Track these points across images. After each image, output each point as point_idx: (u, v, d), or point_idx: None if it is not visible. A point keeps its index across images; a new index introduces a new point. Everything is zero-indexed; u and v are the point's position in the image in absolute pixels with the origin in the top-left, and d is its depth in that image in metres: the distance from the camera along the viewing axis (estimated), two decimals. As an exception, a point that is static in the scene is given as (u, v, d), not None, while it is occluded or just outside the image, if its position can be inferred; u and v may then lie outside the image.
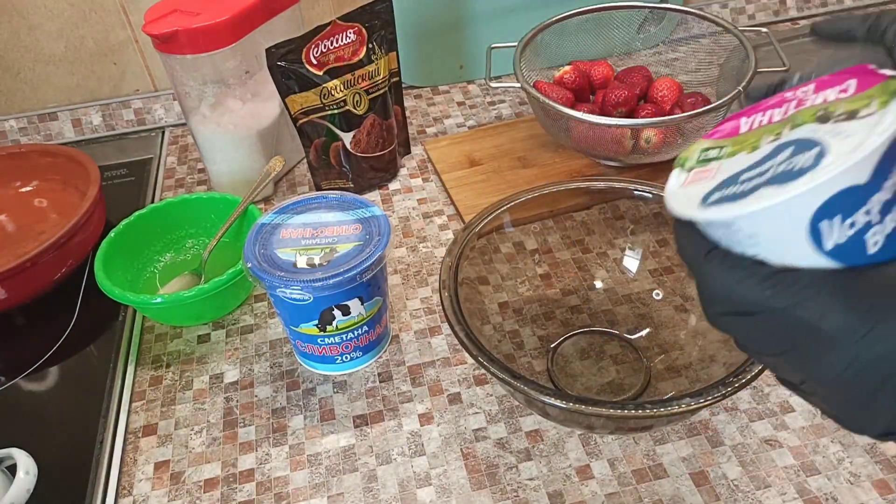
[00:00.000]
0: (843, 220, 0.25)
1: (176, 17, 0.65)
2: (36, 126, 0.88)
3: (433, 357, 0.58)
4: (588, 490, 0.48)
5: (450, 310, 0.47)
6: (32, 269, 0.61)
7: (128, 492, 0.50)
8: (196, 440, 0.53)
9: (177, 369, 0.59)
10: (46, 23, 0.82)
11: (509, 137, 0.79)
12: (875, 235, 0.25)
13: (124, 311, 0.64)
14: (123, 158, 0.85)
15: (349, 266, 0.49)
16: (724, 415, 0.51)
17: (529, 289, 0.59)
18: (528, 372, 0.54)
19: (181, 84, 0.69)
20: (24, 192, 0.75)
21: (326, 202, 0.55)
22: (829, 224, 0.26)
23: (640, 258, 0.58)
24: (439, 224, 0.71)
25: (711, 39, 0.76)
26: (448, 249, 0.52)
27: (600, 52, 0.80)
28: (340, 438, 0.52)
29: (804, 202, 0.26)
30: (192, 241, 0.68)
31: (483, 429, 0.52)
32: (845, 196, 0.25)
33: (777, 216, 0.26)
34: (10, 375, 0.60)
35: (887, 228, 0.25)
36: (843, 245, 0.26)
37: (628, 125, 0.64)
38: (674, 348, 0.54)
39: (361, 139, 0.71)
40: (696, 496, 0.47)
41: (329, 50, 0.67)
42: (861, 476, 0.47)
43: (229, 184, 0.74)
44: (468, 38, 0.90)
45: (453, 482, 0.49)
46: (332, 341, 0.54)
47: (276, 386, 0.57)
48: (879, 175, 0.25)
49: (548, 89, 0.71)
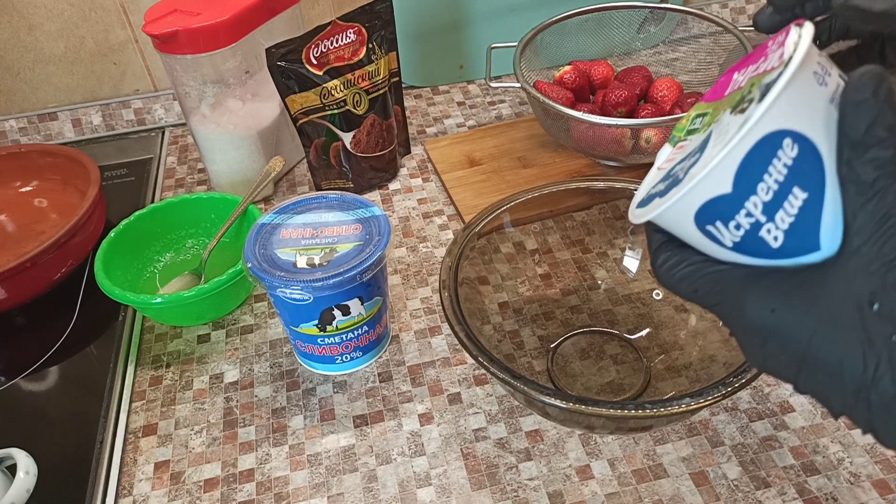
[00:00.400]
0: (726, 224, 0.27)
1: (176, 17, 0.65)
2: (36, 126, 0.88)
3: (433, 357, 0.58)
4: (588, 490, 0.48)
5: (450, 310, 0.47)
6: (32, 269, 0.61)
7: (128, 492, 0.50)
8: (196, 440, 0.53)
9: (177, 369, 0.59)
10: (46, 23, 0.82)
11: (509, 137, 0.79)
12: (771, 232, 0.26)
13: (124, 311, 0.64)
14: (123, 158, 0.85)
15: (349, 266, 0.49)
16: (724, 415, 0.51)
17: (529, 289, 0.59)
18: (528, 372, 0.54)
19: (181, 84, 0.69)
20: (24, 192, 0.75)
21: (326, 202, 0.55)
22: (715, 227, 0.27)
23: (640, 258, 0.58)
24: (439, 224, 0.71)
25: (711, 39, 0.76)
26: (448, 249, 0.52)
27: (600, 52, 0.80)
28: (340, 438, 0.52)
29: (680, 212, 0.27)
30: (192, 241, 0.68)
31: (483, 429, 0.52)
32: (716, 204, 0.26)
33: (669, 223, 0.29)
34: (10, 375, 0.60)
35: (782, 226, 0.26)
36: (742, 244, 0.27)
37: (628, 125, 0.64)
38: (674, 348, 0.54)
39: (361, 139, 0.71)
40: (696, 496, 0.47)
41: (329, 50, 0.67)
42: (861, 476, 0.47)
43: (229, 184, 0.74)
44: (468, 38, 0.90)
45: (453, 482, 0.49)
46: (332, 341, 0.54)
47: (276, 386, 0.57)
48: (745, 181, 0.25)
49: (548, 89, 0.71)
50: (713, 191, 0.26)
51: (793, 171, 0.25)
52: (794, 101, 0.25)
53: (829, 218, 0.25)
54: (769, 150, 0.25)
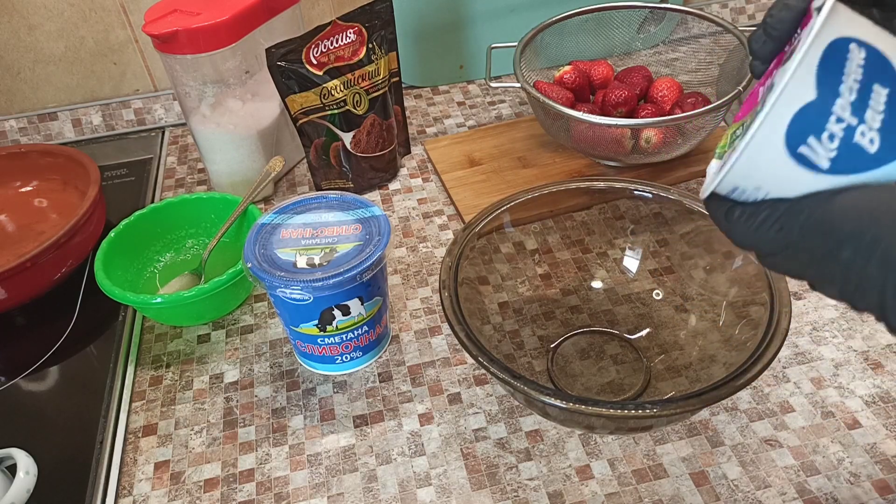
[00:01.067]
0: (819, 137, 0.26)
1: (176, 17, 0.65)
2: (36, 126, 0.88)
3: (433, 357, 0.58)
4: (588, 490, 0.48)
5: (450, 310, 0.47)
6: (32, 269, 0.61)
7: (128, 492, 0.50)
8: (196, 440, 0.53)
9: (177, 369, 0.59)
10: (46, 23, 0.82)
11: (509, 137, 0.79)
12: (865, 135, 0.26)
13: (124, 311, 0.64)
14: (123, 158, 0.85)
15: (349, 266, 0.49)
16: (724, 415, 0.51)
17: (529, 289, 0.59)
18: (528, 372, 0.54)
19: (181, 84, 0.69)
20: (24, 192, 0.75)
21: (326, 202, 0.55)
22: (809, 147, 0.26)
23: (640, 258, 0.58)
24: (439, 224, 0.71)
25: (711, 39, 0.76)
26: (448, 249, 0.52)
27: (600, 52, 0.80)
28: (340, 438, 0.52)
29: (767, 139, 0.27)
30: (192, 241, 0.68)
31: (483, 429, 0.52)
32: (804, 115, 0.26)
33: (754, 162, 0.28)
34: (10, 375, 0.60)
35: (875, 124, 0.26)
36: (838, 158, 0.27)
37: (628, 125, 0.64)
38: (674, 348, 0.54)
39: (361, 139, 0.71)
40: (696, 496, 0.47)
41: (329, 50, 0.67)
42: (861, 476, 0.47)
43: (229, 184, 0.74)
44: (468, 38, 0.90)
45: (453, 482, 0.49)
46: (332, 341, 0.54)
47: (276, 386, 0.57)
48: (827, 84, 0.26)
49: (548, 89, 0.71)
50: (799, 99, 0.26)
51: (867, 70, 0.26)
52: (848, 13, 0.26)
53: None
54: (840, 55, 0.26)
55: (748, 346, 0.45)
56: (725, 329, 0.51)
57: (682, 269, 0.57)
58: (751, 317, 0.48)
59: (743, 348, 0.46)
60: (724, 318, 0.52)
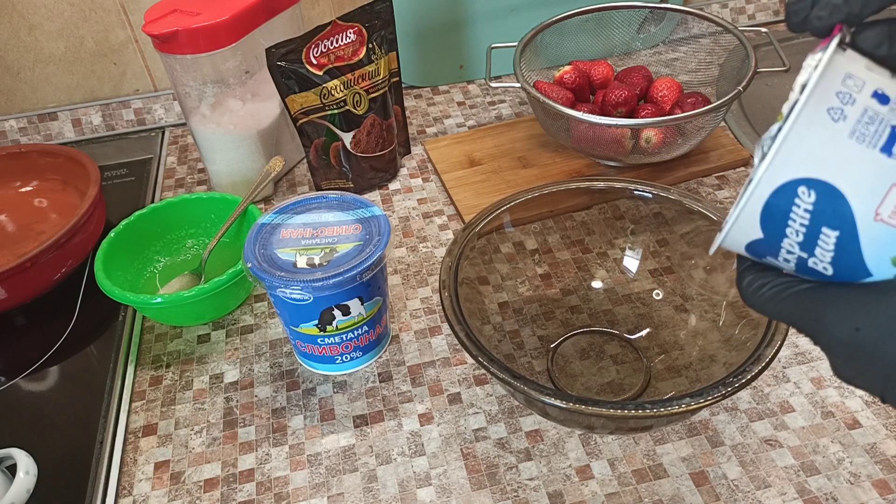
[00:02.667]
0: (776, 257, 0.27)
1: (176, 17, 0.65)
2: (36, 126, 0.88)
3: (433, 357, 0.58)
4: (588, 490, 0.48)
5: (450, 310, 0.47)
6: (32, 269, 0.61)
7: (128, 492, 0.50)
8: (196, 440, 0.53)
9: (177, 369, 0.59)
10: (46, 23, 0.82)
11: (509, 137, 0.79)
12: (818, 265, 0.26)
13: (124, 311, 0.64)
14: (123, 158, 0.85)
15: (349, 266, 0.49)
16: (724, 415, 0.51)
17: (529, 289, 0.59)
18: (528, 372, 0.54)
19: (181, 84, 0.69)
20: (24, 192, 0.75)
21: (326, 202, 0.55)
22: (769, 260, 0.27)
23: (640, 258, 0.58)
24: (439, 224, 0.71)
25: (711, 39, 0.76)
26: (448, 249, 0.52)
27: (600, 52, 0.80)
28: (340, 438, 0.52)
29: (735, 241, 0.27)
30: (192, 241, 0.68)
31: (483, 429, 0.52)
32: (756, 246, 0.27)
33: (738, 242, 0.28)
34: (10, 375, 0.60)
35: (825, 259, 0.26)
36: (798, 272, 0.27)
37: (628, 125, 0.64)
38: (674, 348, 0.54)
39: (361, 139, 0.71)
40: (696, 496, 0.47)
41: (329, 50, 0.67)
42: (861, 476, 0.47)
43: (229, 184, 0.74)
44: (468, 38, 0.90)
45: (453, 482, 0.49)
46: (332, 341, 0.54)
47: (276, 386, 0.57)
48: (772, 227, 0.26)
49: (548, 89, 0.71)
50: (746, 237, 0.26)
51: (816, 214, 0.25)
52: (800, 150, 0.24)
53: (872, 249, 0.25)
54: (786, 199, 0.25)
55: (748, 345, 0.45)
56: (725, 329, 0.51)
57: (682, 269, 0.57)
58: (751, 317, 0.48)
59: (743, 348, 0.46)
60: (724, 318, 0.52)
